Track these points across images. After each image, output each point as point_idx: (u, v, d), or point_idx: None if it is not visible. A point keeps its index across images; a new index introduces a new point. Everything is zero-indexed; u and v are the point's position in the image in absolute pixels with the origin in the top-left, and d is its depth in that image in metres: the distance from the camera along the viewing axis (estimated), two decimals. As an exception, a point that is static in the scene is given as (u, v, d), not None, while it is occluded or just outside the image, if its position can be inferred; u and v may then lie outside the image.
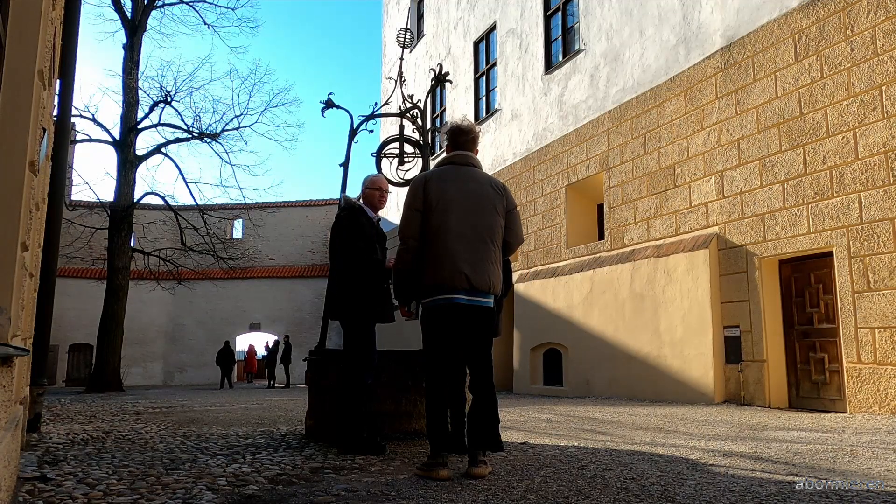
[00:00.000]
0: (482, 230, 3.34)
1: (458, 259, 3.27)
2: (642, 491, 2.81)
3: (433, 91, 6.45)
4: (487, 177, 3.53)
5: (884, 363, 6.77)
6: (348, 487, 2.95)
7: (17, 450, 3.22)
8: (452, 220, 3.32)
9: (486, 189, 3.43)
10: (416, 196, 3.44)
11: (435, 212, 3.35)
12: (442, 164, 3.54)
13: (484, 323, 3.36)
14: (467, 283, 3.27)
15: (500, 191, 3.48)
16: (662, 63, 10.49)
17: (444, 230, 3.32)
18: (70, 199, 20.49)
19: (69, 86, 5.37)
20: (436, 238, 3.33)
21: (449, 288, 3.29)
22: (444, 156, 3.59)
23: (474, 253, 3.30)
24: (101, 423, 6.53)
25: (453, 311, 3.31)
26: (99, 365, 17.04)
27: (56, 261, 5.19)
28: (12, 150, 2.28)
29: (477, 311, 3.33)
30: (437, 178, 3.44)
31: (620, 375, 10.31)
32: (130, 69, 17.69)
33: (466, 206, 3.35)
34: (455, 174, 3.45)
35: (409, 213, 3.44)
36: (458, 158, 3.52)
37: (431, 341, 3.36)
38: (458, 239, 3.30)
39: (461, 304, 3.29)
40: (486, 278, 3.31)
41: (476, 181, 3.44)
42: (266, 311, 27.82)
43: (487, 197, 3.40)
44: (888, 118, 6.96)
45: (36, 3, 2.45)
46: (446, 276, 3.28)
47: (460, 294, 3.29)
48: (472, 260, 3.29)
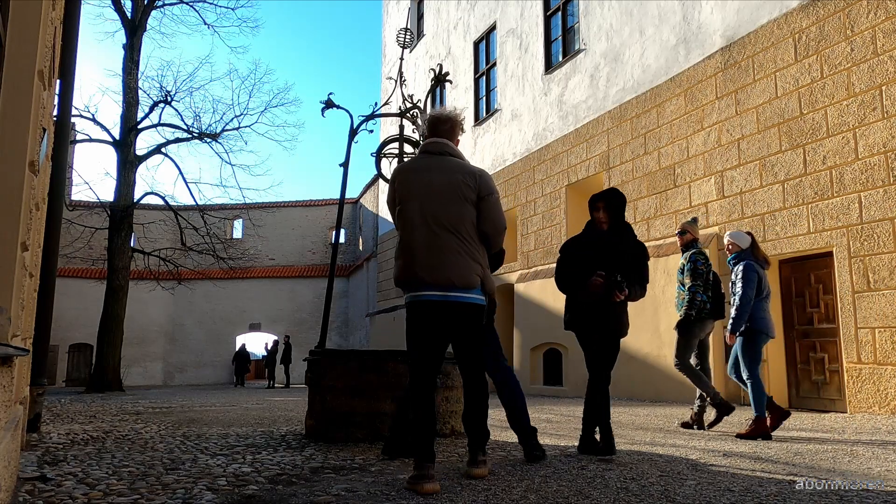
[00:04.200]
0: (444, 221, 3.12)
1: (416, 253, 3.12)
2: (642, 491, 2.81)
3: (433, 91, 6.45)
4: (460, 164, 3.30)
5: (884, 363, 6.77)
6: (348, 487, 2.95)
7: (17, 450, 3.22)
8: (415, 212, 3.17)
9: (454, 177, 3.20)
10: (391, 189, 3.34)
11: (403, 204, 3.24)
12: (419, 154, 3.41)
13: (465, 320, 3.16)
14: (426, 277, 3.08)
15: (472, 177, 3.23)
16: (662, 63, 10.49)
17: (409, 223, 3.18)
18: (70, 199, 20.50)
19: (69, 86, 5.37)
20: (402, 232, 3.23)
21: (416, 284, 3.13)
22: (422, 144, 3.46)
23: (432, 245, 3.10)
24: (101, 423, 6.53)
25: (425, 309, 3.13)
26: (99, 365, 17.04)
27: (56, 261, 5.19)
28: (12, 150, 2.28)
29: (452, 307, 3.11)
30: (406, 170, 3.33)
31: (620, 375, 10.28)
32: (130, 69, 17.69)
33: (430, 196, 3.17)
34: (423, 164, 3.29)
35: (389, 208, 3.37)
36: (432, 146, 3.34)
37: (408, 343, 3.23)
38: (420, 231, 3.13)
39: (431, 300, 3.10)
40: (445, 271, 3.08)
41: (445, 170, 3.23)
42: (266, 311, 27.83)
43: (454, 185, 3.18)
44: (888, 118, 6.96)
45: (36, 3, 2.45)
46: (411, 272, 3.13)
47: (425, 290, 3.11)
48: (429, 253, 3.09)
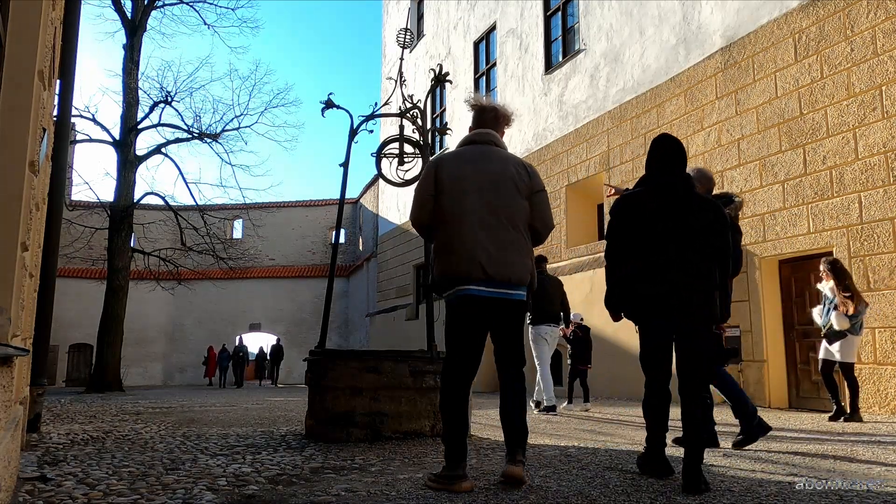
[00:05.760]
0: (503, 214, 2.99)
1: (473, 246, 2.94)
2: (642, 491, 2.81)
3: (433, 91, 6.45)
4: (511, 156, 3.17)
5: (884, 363, 6.77)
6: (348, 487, 2.95)
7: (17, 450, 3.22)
8: (468, 204, 2.98)
9: (508, 169, 3.06)
10: (428, 179, 3.11)
11: (448, 195, 3.03)
12: (462, 145, 3.23)
13: (511, 317, 3.04)
14: (483, 272, 2.92)
15: (525, 170, 3.10)
16: (662, 63, 10.49)
17: (458, 215, 2.99)
18: (70, 199, 20.51)
19: (69, 86, 5.37)
20: (449, 224, 3.01)
21: (464, 278, 2.95)
22: (465, 135, 3.29)
23: (493, 239, 2.96)
24: (101, 424, 6.53)
25: (472, 304, 2.97)
26: (99, 365, 17.04)
27: (56, 261, 5.19)
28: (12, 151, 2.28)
29: (501, 303, 2.99)
30: (453, 159, 3.13)
31: (620, 375, 10.30)
32: (130, 69, 17.69)
33: (485, 187, 3.00)
34: (473, 154, 3.12)
35: (419, 198, 3.11)
36: (479, 136, 3.18)
37: (448, 339, 3.06)
38: (475, 224, 2.96)
39: (481, 296, 2.95)
40: (508, 267, 2.96)
41: (497, 160, 3.08)
42: (266, 311, 27.85)
43: (509, 177, 3.04)
44: (888, 118, 6.96)
45: (36, 3, 2.45)
46: (461, 266, 2.95)
47: (479, 285, 2.94)
48: (490, 247, 2.94)
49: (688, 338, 3.01)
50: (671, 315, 3.01)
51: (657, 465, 3.09)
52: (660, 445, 3.07)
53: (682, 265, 2.98)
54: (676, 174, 3.17)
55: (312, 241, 29.43)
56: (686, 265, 2.98)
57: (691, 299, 2.97)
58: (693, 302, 2.98)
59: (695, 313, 2.99)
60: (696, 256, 3.01)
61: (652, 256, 3.03)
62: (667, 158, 3.20)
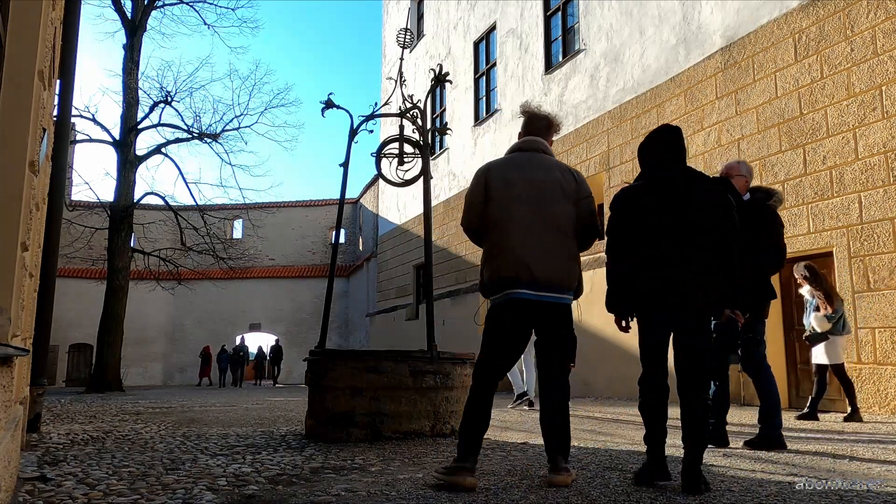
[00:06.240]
0: (549, 219, 3.07)
1: (520, 250, 3.02)
2: (642, 491, 2.81)
3: (433, 91, 6.45)
4: (559, 163, 3.27)
5: (884, 363, 6.77)
6: (348, 487, 2.95)
7: (17, 450, 3.22)
8: (515, 210, 3.08)
9: (555, 175, 3.15)
10: (478, 185, 3.20)
11: (496, 201, 3.12)
12: (510, 152, 3.33)
13: (556, 320, 3.09)
14: (530, 276, 2.99)
15: (572, 176, 3.19)
16: (662, 63, 10.49)
17: (505, 220, 3.08)
18: (70, 199, 20.49)
19: (69, 86, 5.36)
20: (498, 229, 3.10)
21: (512, 282, 3.02)
22: (514, 143, 3.39)
23: (540, 244, 3.04)
24: (101, 424, 6.53)
25: (519, 307, 3.03)
26: (99, 365, 17.03)
27: (56, 261, 5.19)
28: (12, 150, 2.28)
29: (547, 307, 3.05)
30: (502, 166, 3.23)
31: (620, 375, 10.29)
32: (130, 69, 17.68)
33: (532, 193, 3.09)
34: (521, 161, 3.22)
35: (469, 204, 3.24)
36: (527, 144, 3.28)
37: (488, 338, 3.11)
38: (522, 229, 3.05)
39: (528, 299, 3.01)
40: (554, 272, 3.03)
41: (545, 168, 3.17)
42: (266, 311, 27.85)
43: (556, 183, 3.12)
44: (888, 118, 6.95)
45: (36, 3, 2.45)
46: (509, 270, 3.03)
47: (526, 289, 3.00)
48: (537, 252, 3.02)
49: (688, 334, 2.96)
50: (672, 309, 2.94)
51: (655, 469, 2.93)
52: (659, 446, 2.95)
53: (680, 261, 2.92)
54: (676, 169, 3.09)
55: (312, 241, 29.43)
56: (684, 261, 2.92)
57: (693, 296, 2.91)
58: (694, 298, 2.92)
59: (694, 310, 2.94)
60: (696, 252, 2.93)
61: (648, 251, 2.98)
62: (664, 152, 3.14)
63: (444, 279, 16.95)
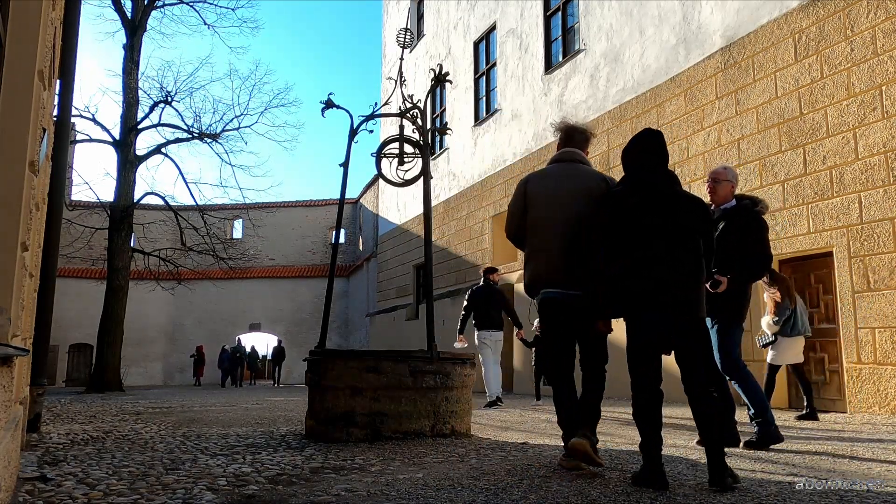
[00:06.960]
0: (577, 223, 3.30)
1: (553, 254, 3.33)
2: (642, 491, 2.81)
3: (433, 91, 6.44)
4: (595, 172, 3.55)
5: (884, 363, 6.77)
6: (348, 487, 2.95)
7: (17, 450, 3.22)
8: (545, 215, 3.39)
9: (588, 183, 3.41)
10: (518, 195, 3.56)
11: (534, 209, 3.46)
12: (550, 163, 3.63)
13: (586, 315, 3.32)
14: (562, 277, 3.30)
15: (607, 184, 3.42)
16: (662, 63, 10.49)
17: (540, 227, 3.41)
18: (70, 199, 20.51)
19: (69, 86, 5.37)
20: (535, 235, 3.45)
21: (545, 283, 3.38)
22: (554, 154, 3.69)
23: (570, 248, 3.30)
24: (101, 423, 6.53)
25: (553, 306, 3.37)
26: (99, 365, 17.04)
27: (56, 261, 5.19)
28: (12, 150, 2.28)
29: (577, 303, 3.30)
30: (540, 177, 3.55)
31: (620, 375, 10.27)
32: (130, 69, 17.69)
33: (565, 201, 3.36)
34: (558, 171, 3.52)
35: (511, 212, 3.61)
36: (564, 155, 3.59)
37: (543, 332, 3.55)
38: (555, 234, 3.34)
39: (560, 298, 3.33)
40: (580, 272, 3.25)
41: (579, 176, 3.46)
42: (266, 311, 27.85)
43: (589, 190, 3.35)
44: (888, 118, 6.96)
45: (36, 3, 2.45)
46: (542, 272, 3.38)
47: (556, 288, 3.34)
48: (567, 255, 3.29)
49: (681, 336, 2.97)
50: (664, 309, 2.94)
51: (653, 475, 2.82)
52: (656, 450, 2.86)
53: (671, 262, 2.94)
54: (659, 172, 3.14)
55: (312, 241, 29.43)
56: (675, 262, 2.95)
57: (686, 297, 2.94)
58: (686, 299, 2.94)
59: (688, 310, 2.95)
60: (686, 254, 2.99)
61: (639, 251, 3.00)
62: (647, 154, 3.17)
63: (444, 279, 16.95)
